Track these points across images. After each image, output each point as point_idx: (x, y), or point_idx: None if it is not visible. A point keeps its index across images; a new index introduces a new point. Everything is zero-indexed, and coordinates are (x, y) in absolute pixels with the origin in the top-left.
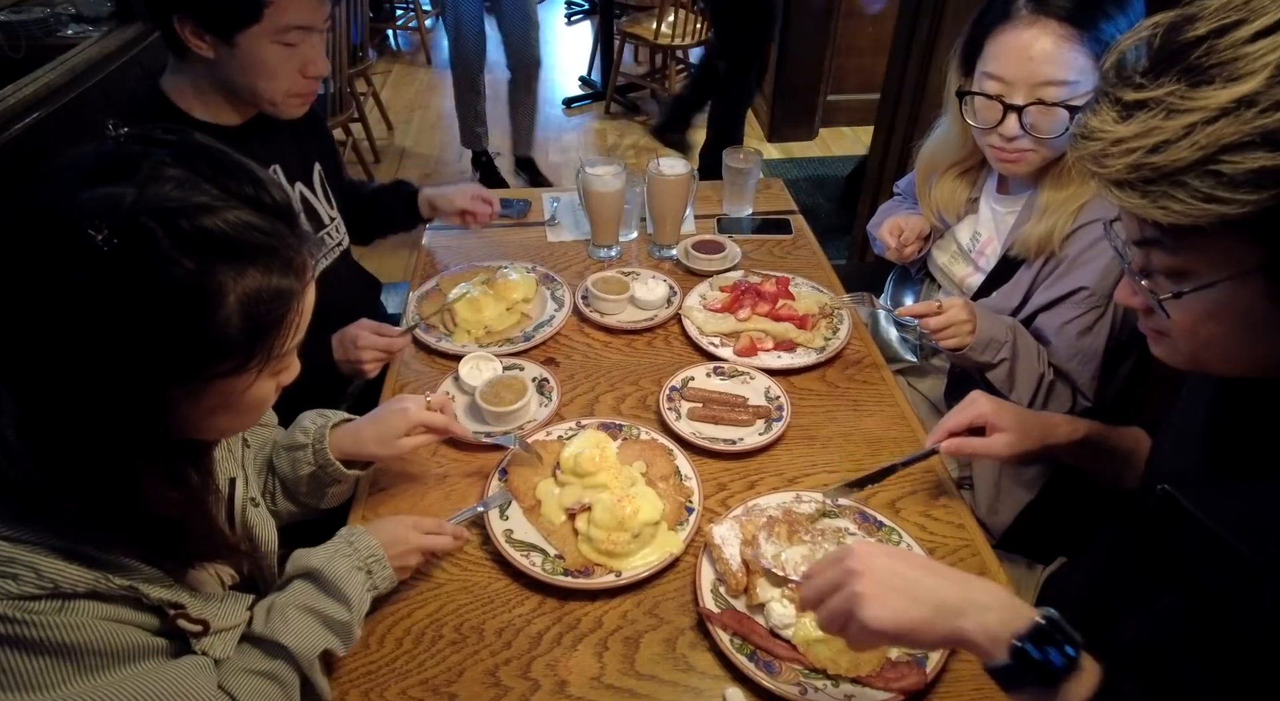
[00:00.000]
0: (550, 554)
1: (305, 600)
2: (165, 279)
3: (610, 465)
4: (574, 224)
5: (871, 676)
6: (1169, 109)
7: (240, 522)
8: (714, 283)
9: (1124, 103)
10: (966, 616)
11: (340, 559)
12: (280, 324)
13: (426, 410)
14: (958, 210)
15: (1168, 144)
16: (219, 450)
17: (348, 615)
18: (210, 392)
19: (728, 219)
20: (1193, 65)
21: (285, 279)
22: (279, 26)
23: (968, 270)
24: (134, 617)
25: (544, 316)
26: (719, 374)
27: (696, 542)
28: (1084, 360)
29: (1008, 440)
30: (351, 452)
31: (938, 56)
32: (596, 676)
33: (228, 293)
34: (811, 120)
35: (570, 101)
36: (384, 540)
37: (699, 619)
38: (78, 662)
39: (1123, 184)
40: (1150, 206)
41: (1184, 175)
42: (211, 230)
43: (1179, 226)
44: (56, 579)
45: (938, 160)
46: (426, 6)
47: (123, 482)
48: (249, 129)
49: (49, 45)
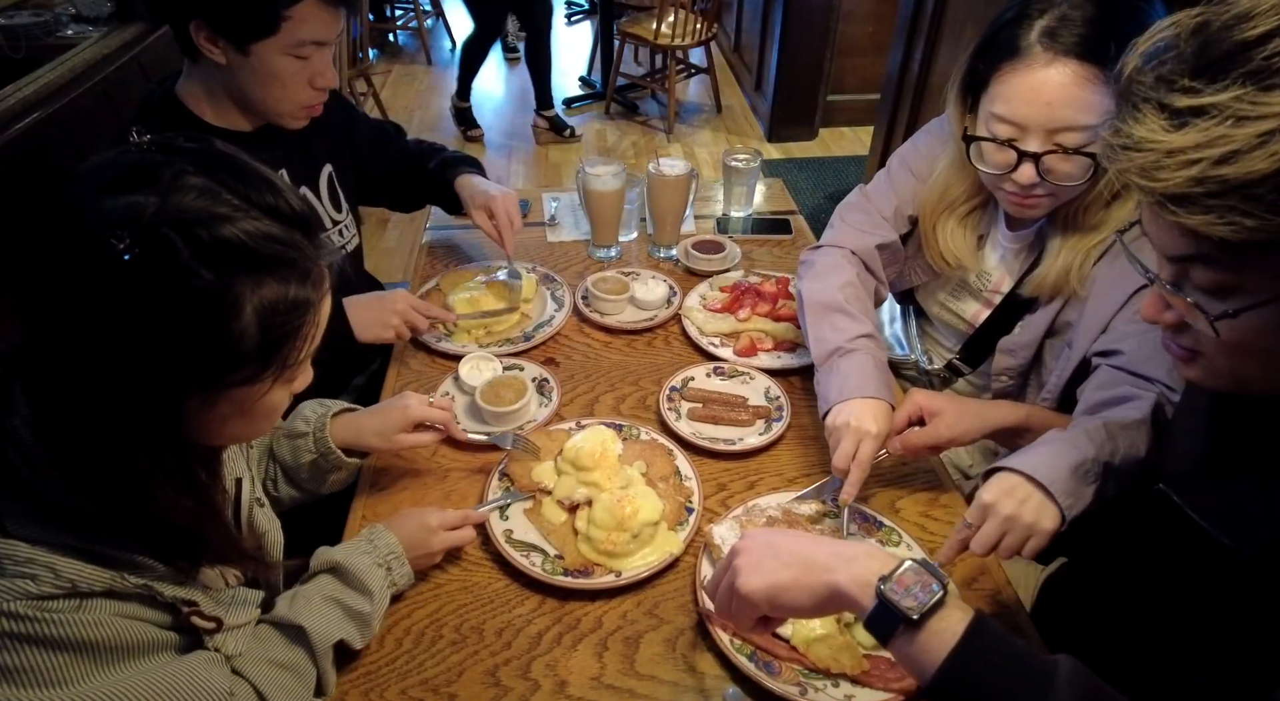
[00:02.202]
0: (550, 554)
1: (329, 591)
2: (184, 289)
3: (609, 464)
4: (574, 224)
5: (871, 676)
6: (1237, 116)
7: (247, 522)
8: (714, 283)
9: (1174, 109)
10: (835, 571)
11: (361, 554)
12: (296, 334)
13: (429, 408)
14: (971, 255)
15: (1239, 154)
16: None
17: (369, 607)
18: (225, 400)
19: (728, 219)
20: (1260, 68)
21: (302, 289)
22: (294, 40)
23: (977, 305)
24: (148, 614)
25: (544, 316)
26: (719, 374)
27: (696, 542)
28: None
29: (946, 421)
30: (351, 443)
31: (938, 56)
32: (596, 676)
33: (245, 303)
34: (811, 120)
35: (570, 101)
36: (404, 539)
37: (699, 619)
38: (95, 657)
39: (1181, 199)
40: (1215, 223)
41: (1258, 188)
42: (230, 240)
43: (1246, 243)
44: (74, 578)
45: (945, 201)
46: (426, 7)
47: (136, 486)
48: (259, 134)
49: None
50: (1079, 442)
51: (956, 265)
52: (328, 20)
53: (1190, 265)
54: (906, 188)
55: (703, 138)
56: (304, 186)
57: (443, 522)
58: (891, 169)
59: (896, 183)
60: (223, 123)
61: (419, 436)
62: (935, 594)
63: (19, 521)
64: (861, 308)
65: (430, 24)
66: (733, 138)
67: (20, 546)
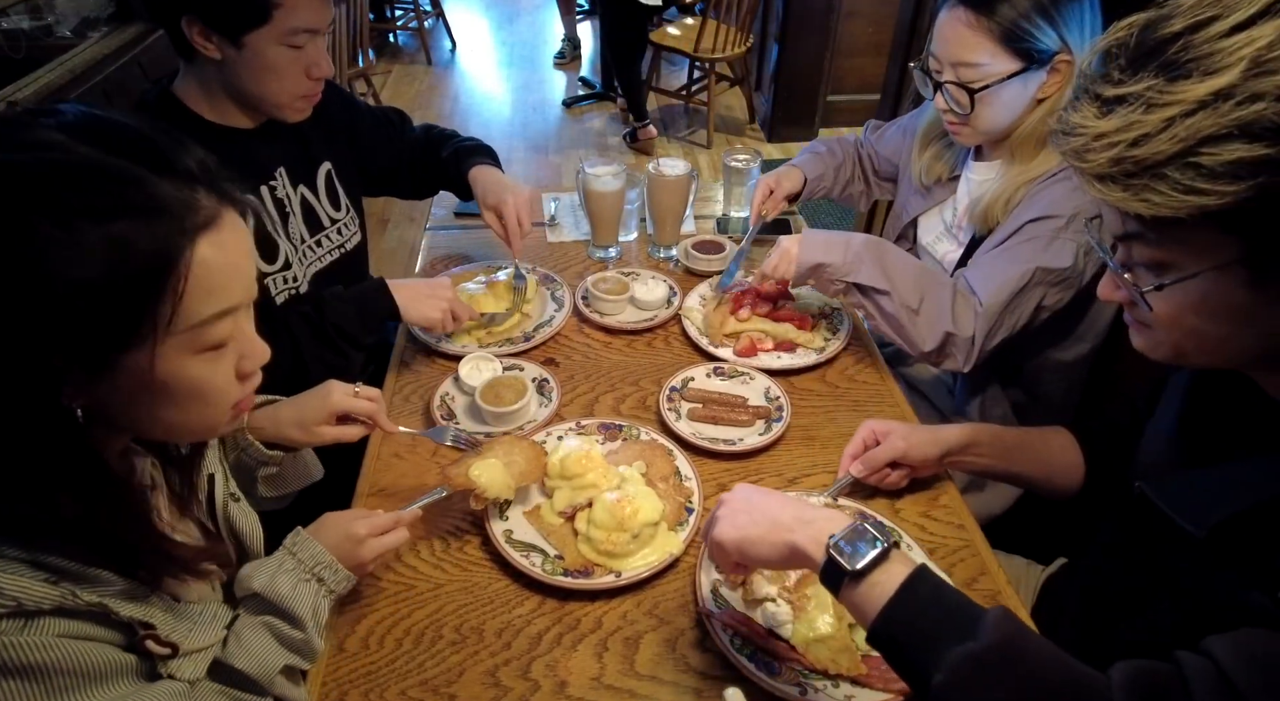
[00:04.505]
0: (550, 554)
1: (257, 619)
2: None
3: (597, 464)
4: (574, 224)
5: (871, 676)
6: (1148, 103)
7: (223, 519)
8: (714, 283)
9: (1103, 98)
10: (795, 531)
11: (283, 575)
12: (157, 284)
13: (353, 398)
14: (936, 176)
15: (1148, 137)
16: None
17: (300, 634)
18: (121, 374)
19: (728, 219)
20: (1170, 60)
21: (151, 233)
22: (287, 29)
23: (950, 247)
24: (103, 634)
25: (544, 317)
26: (719, 374)
27: (696, 543)
28: (985, 280)
29: (899, 435)
30: (271, 435)
31: None
32: (596, 676)
33: (59, 244)
34: (811, 120)
35: (570, 102)
36: (330, 546)
37: (699, 619)
38: (46, 684)
39: (1105, 177)
40: (1132, 199)
41: (1164, 168)
42: (16, 165)
43: (1161, 218)
44: (20, 597)
45: (932, 130)
46: (426, 7)
47: (35, 480)
48: (259, 132)
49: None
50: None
51: (919, 179)
52: (319, 7)
53: (1131, 243)
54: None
55: (700, 137)
56: (301, 185)
57: (372, 529)
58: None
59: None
60: (222, 120)
61: (343, 429)
62: (877, 547)
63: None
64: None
65: (430, 24)
66: (732, 138)
67: None
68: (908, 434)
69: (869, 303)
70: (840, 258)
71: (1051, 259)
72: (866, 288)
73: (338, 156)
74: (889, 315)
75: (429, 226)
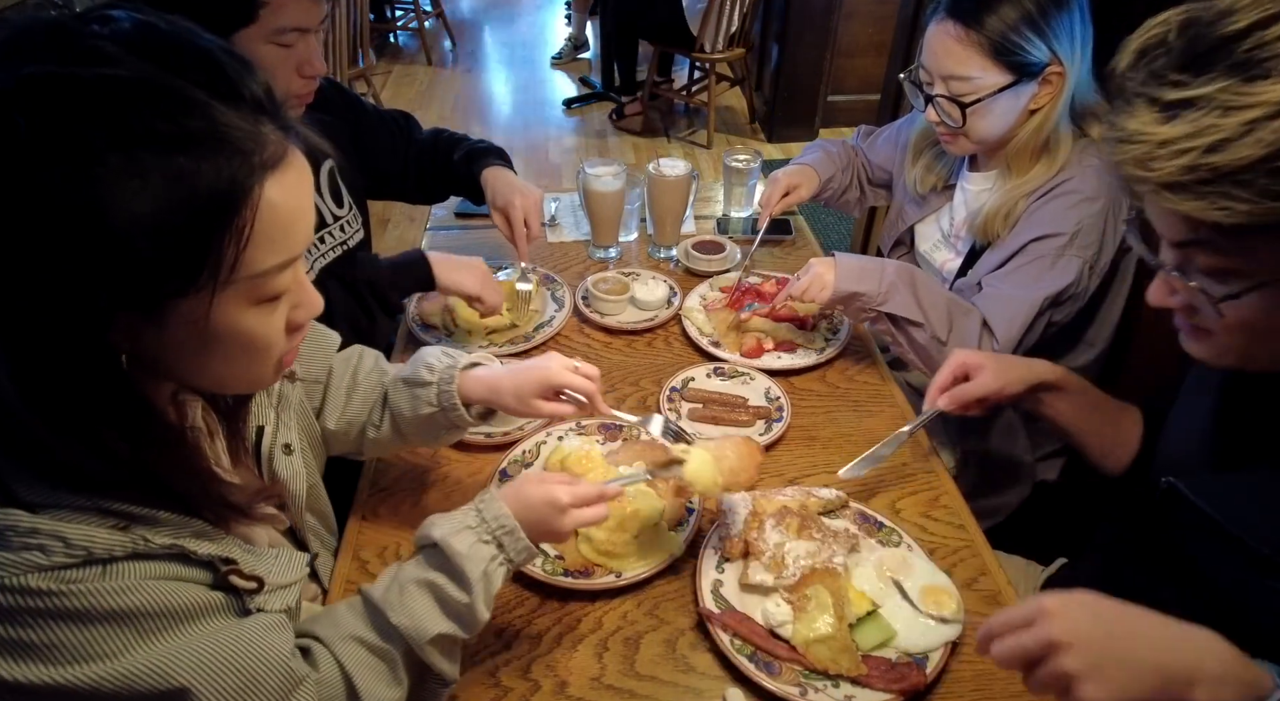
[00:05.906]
0: (550, 554)
1: (425, 575)
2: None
3: (598, 464)
4: (574, 224)
5: (871, 676)
6: (1224, 107)
7: (267, 471)
8: (714, 283)
9: (1164, 102)
10: (1196, 686)
11: (465, 532)
12: (221, 227)
13: (571, 373)
14: (930, 186)
15: (1227, 143)
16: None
17: (466, 598)
18: (174, 320)
19: (728, 219)
20: (1242, 60)
21: (220, 170)
22: (274, 28)
23: (948, 255)
24: (186, 573)
25: (544, 317)
26: (719, 374)
27: (696, 543)
28: (1002, 303)
29: (992, 372)
30: (483, 399)
31: None
32: (596, 677)
33: (119, 173)
34: (811, 120)
35: (570, 102)
36: (524, 516)
37: (699, 619)
38: (136, 627)
39: (1175, 186)
40: (1209, 208)
41: (1246, 174)
42: (74, 79)
43: (1240, 226)
44: (88, 545)
45: (923, 141)
46: (426, 7)
47: (86, 424)
48: None
49: None
50: (889, 266)
51: (913, 187)
52: (308, 5)
53: (1192, 250)
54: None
55: (700, 137)
56: None
57: (575, 497)
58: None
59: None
60: None
61: (558, 406)
62: None
63: (27, 484)
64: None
65: (430, 24)
66: (732, 138)
67: (22, 516)
68: (1001, 370)
69: (900, 333)
70: (875, 287)
71: (1057, 281)
72: (899, 319)
73: (339, 156)
74: (919, 346)
75: (429, 226)
